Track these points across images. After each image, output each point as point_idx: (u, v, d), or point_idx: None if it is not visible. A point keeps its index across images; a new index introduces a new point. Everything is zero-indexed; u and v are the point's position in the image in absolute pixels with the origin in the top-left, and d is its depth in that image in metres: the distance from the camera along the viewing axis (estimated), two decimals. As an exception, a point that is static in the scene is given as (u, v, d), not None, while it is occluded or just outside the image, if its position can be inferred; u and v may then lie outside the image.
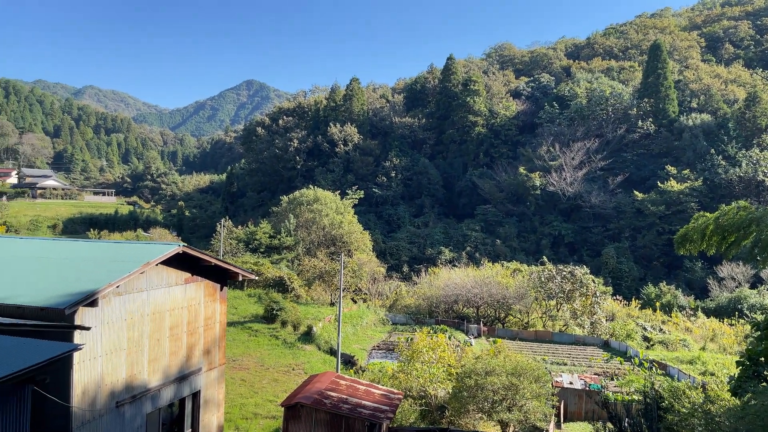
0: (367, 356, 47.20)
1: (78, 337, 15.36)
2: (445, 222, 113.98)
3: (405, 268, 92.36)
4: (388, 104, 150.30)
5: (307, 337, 46.68)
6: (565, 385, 37.00)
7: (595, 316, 63.19)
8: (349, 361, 41.32)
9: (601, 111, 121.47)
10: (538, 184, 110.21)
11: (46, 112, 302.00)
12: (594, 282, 66.00)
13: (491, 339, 56.57)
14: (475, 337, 57.92)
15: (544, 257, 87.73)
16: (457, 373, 29.06)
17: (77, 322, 15.41)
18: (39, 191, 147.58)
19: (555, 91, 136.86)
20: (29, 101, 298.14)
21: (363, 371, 36.85)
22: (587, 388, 36.87)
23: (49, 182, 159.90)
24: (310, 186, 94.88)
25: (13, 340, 10.98)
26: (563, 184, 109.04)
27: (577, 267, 67.49)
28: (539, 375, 27.23)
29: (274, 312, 49.12)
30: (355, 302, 67.24)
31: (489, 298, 65.06)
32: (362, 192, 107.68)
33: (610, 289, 77.13)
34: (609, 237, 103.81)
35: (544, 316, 65.80)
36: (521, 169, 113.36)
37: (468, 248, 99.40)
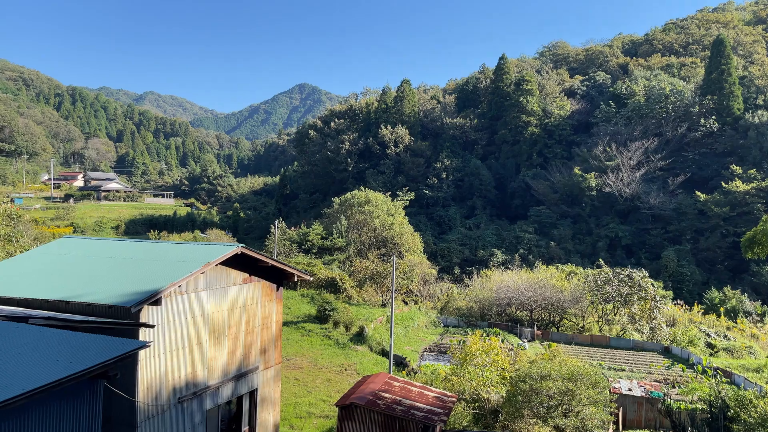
0: (419, 358, 47.16)
1: (143, 334, 15.93)
2: (498, 223, 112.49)
3: (456, 270, 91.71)
4: (439, 105, 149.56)
5: (359, 337, 47.04)
6: (624, 392, 35.97)
7: (654, 321, 61.21)
8: (400, 363, 41.38)
9: (660, 109, 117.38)
10: (593, 185, 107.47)
11: (110, 117, 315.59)
12: (653, 286, 63.93)
13: (545, 343, 55.63)
14: (528, 341, 57.04)
15: (601, 260, 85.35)
16: (511, 377, 28.72)
17: (142, 320, 15.99)
18: (103, 193, 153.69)
19: (611, 89, 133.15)
20: (94, 107, 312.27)
21: (415, 373, 36.84)
22: (648, 396, 35.72)
23: (113, 185, 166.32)
24: (361, 188, 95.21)
25: (85, 337, 11.51)
26: (620, 185, 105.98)
27: (635, 270, 65.47)
28: (596, 380, 26.59)
29: (327, 312, 49.80)
30: (407, 304, 67.30)
31: (543, 301, 63.92)
32: (413, 193, 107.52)
33: (670, 293, 74.49)
34: (669, 239, 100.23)
35: (601, 320, 64.19)
36: (576, 170, 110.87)
37: (521, 250, 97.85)
